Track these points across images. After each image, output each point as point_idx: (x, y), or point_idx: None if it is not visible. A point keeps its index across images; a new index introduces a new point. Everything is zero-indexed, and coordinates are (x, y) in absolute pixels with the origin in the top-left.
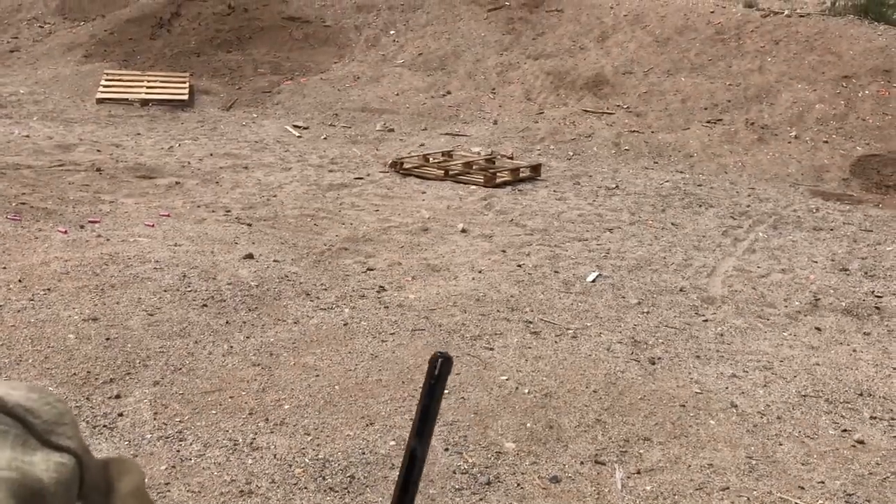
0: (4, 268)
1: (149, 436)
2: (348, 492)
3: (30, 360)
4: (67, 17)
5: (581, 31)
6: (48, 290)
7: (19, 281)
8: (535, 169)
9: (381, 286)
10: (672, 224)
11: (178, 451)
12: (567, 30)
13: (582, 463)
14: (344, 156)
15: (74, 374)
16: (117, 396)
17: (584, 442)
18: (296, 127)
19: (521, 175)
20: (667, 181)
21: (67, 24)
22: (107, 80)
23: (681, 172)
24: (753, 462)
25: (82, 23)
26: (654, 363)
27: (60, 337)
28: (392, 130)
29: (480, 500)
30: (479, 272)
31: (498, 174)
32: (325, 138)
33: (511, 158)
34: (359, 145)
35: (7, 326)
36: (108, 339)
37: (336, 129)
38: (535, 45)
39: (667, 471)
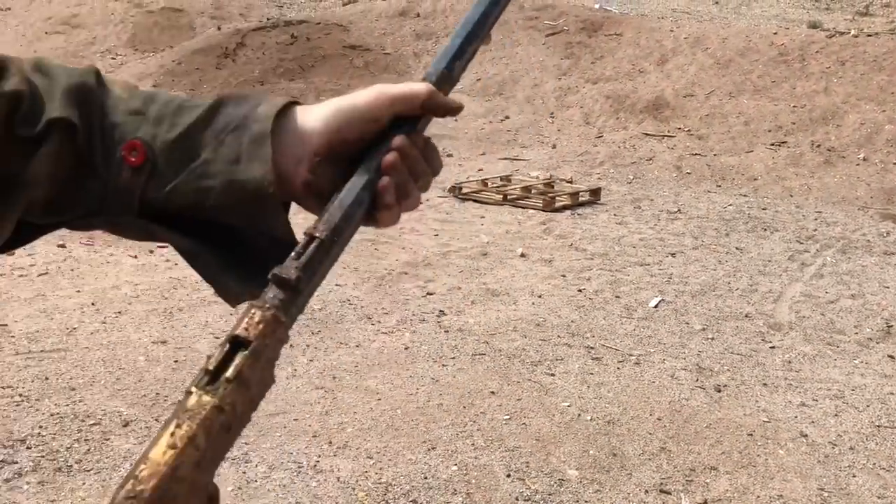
0: (78, 291)
1: None
2: None
3: (102, 382)
4: (138, 48)
5: (640, 55)
6: (119, 313)
7: (92, 304)
8: (595, 193)
9: (440, 310)
10: (736, 248)
11: (244, 472)
12: (626, 53)
13: (647, 492)
14: None
15: (144, 395)
16: None
17: (649, 470)
18: None
19: (581, 199)
20: (730, 205)
21: (138, 56)
22: None
23: (744, 196)
24: (826, 494)
25: (151, 54)
26: (719, 391)
27: (131, 359)
28: (450, 155)
29: None
30: (539, 297)
31: (557, 198)
32: None
33: (570, 182)
34: None
35: (81, 348)
36: (176, 361)
37: None
38: (594, 69)
39: (734, 501)
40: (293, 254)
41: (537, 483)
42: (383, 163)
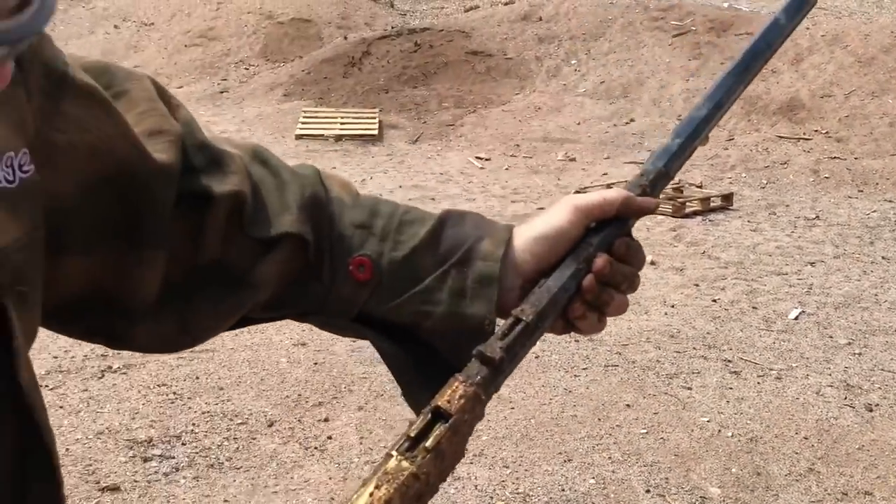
0: None
1: (356, 459)
2: None
3: (248, 382)
4: (269, 59)
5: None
6: None
7: None
8: (727, 198)
9: None
10: (883, 258)
11: None
12: None
13: None
14: (526, 186)
15: (287, 396)
16: (326, 420)
17: (797, 492)
18: (478, 158)
19: (712, 205)
20: (874, 211)
21: (269, 66)
22: (304, 117)
23: (890, 202)
24: None
25: (282, 64)
26: (871, 410)
27: (273, 360)
28: (574, 160)
29: None
30: (672, 307)
31: (687, 204)
32: (506, 169)
33: (700, 187)
34: (540, 175)
35: (227, 349)
36: (315, 363)
37: (517, 159)
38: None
39: None
40: (498, 333)
41: (678, 500)
42: (584, 283)
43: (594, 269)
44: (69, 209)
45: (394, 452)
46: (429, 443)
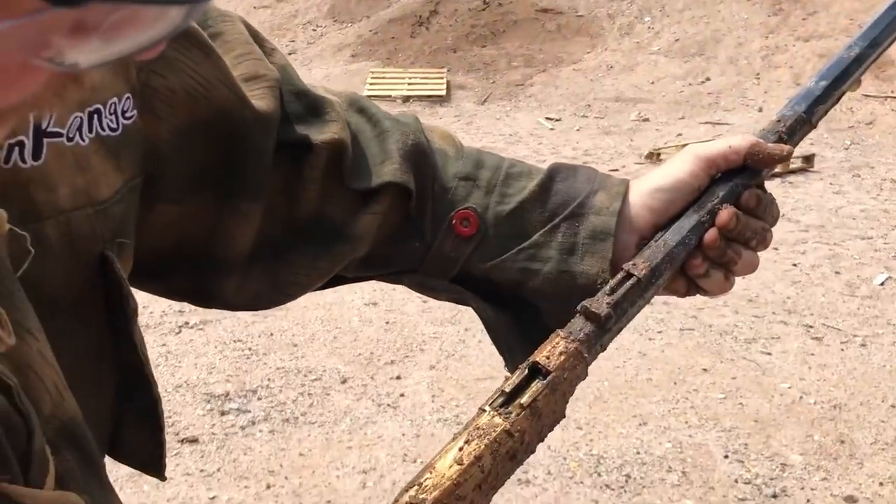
0: None
1: (429, 417)
2: (625, 490)
3: (321, 339)
4: (337, 19)
5: (861, 8)
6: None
7: None
8: (808, 160)
9: None
10: None
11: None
12: (844, 7)
13: (881, 484)
14: (598, 147)
15: (360, 353)
16: (398, 377)
17: (883, 461)
18: (548, 119)
19: (792, 167)
20: None
21: (336, 26)
22: (372, 78)
23: None
24: None
25: (350, 24)
26: None
27: (346, 319)
28: (647, 120)
29: None
30: None
31: None
32: (577, 130)
33: None
34: (612, 136)
35: (300, 307)
36: (387, 322)
37: (589, 120)
38: (806, 26)
39: None
40: (607, 288)
41: (757, 466)
42: (706, 238)
43: (718, 222)
44: (165, 156)
45: (487, 407)
46: (524, 399)
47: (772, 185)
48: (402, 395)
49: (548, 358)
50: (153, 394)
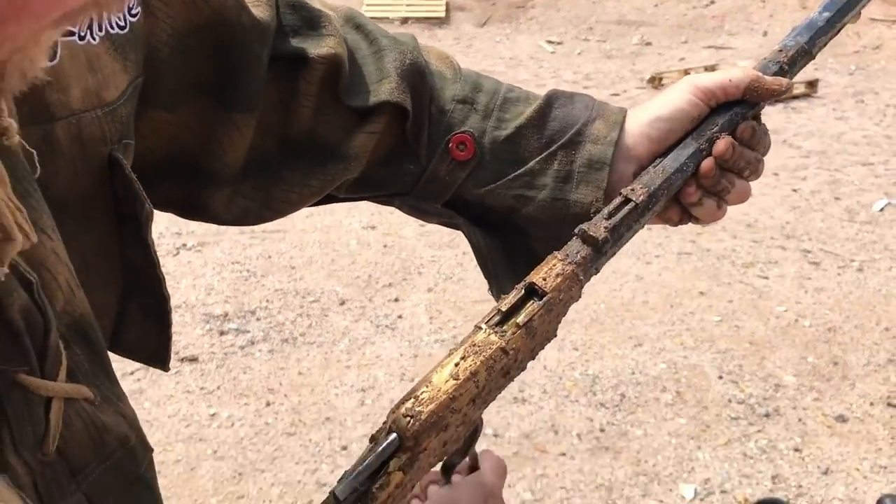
0: None
1: (426, 338)
2: (619, 409)
3: (319, 262)
4: None
5: None
6: None
7: None
8: (811, 85)
9: None
10: None
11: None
12: None
13: (872, 404)
14: (599, 71)
15: (358, 276)
16: (396, 300)
17: (875, 382)
18: (549, 42)
19: (795, 92)
20: None
21: None
22: None
23: None
24: None
25: None
26: None
27: (344, 242)
28: (650, 44)
29: (759, 431)
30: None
31: None
32: (579, 53)
33: None
34: (614, 60)
35: (298, 230)
36: (385, 246)
37: (590, 43)
38: None
39: None
40: (605, 212)
41: (751, 387)
42: (703, 166)
43: (715, 151)
44: (161, 59)
45: (483, 325)
46: (520, 318)
47: (774, 111)
48: (399, 316)
49: (544, 279)
50: (163, 291)
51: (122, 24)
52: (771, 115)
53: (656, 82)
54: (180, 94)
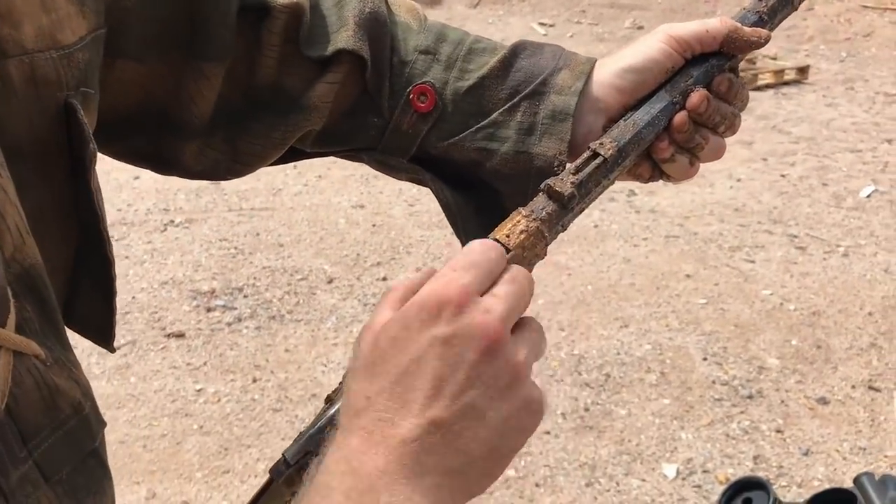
0: None
1: None
2: (604, 389)
3: (307, 240)
4: None
5: None
6: (319, 176)
7: (294, 167)
8: (802, 71)
9: (631, 190)
10: None
11: None
12: None
13: (853, 387)
14: (591, 54)
15: (346, 255)
16: (384, 279)
17: (857, 366)
18: (541, 24)
19: (786, 78)
20: None
21: None
22: None
23: None
24: None
25: None
26: None
27: (332, 221)
28: (642, 28)
29: (741, 412)
30: (738, 180)
31: (759, 76)
32: (571, 36)
33: (774, 59)
34: (606, 43)
35: (287, 208)
36: (374, 225)
37: (583, 26)
38: None
39: None
40: (571, 167)
41: (735, 368)
42: (675, 120)
43: (689, 105)
44: (128, 8)
45: None
46: None
47: (765, 97)
48: None
49: (508, 236)
50: (107, 253)
51: None
52: (761, 101)
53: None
54: (150, 45)
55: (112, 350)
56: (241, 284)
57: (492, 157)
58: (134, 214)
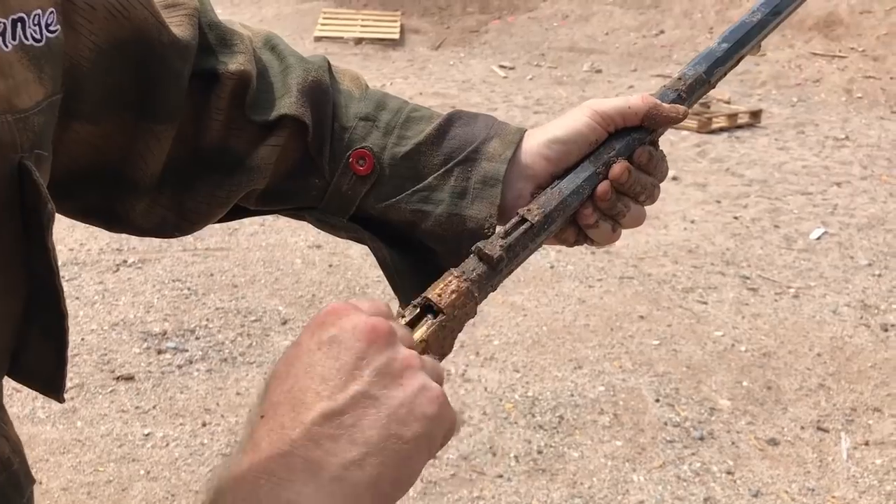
0: None
1: None
2: (557, 431)
3: (262, 281)
4: None
5: None
6: (276, 216)
7: None
8: (755, 115)
9: None
10: None
11: None
12: None
13: (803, 428)
14: (549, 97)
15: (301, 295)
16: None
17: (806, 406)
18: (502, 67)
19: (739, 121)
20: None
21: None
22: (324, 18)
23: None
24: None
25: None
26: (886, 330)
27: (288, 261)
28: (600, 71)
29: (693, 454)
30: (692, 222)
31: (713, 120)
32: (530, 79)
33: (728, 103)
34: (565, 86)
35: (242, 248)
36: (330, 265)
37: (542, 69)
38: None
39: None
40: (501, 231)
41: (687, 410)
42: (598, 189)
43: (611, 175)
44: (84, 73)
45: None
46: (416, 335)
47: (719, 140)
48: None
49: (440, 296)
50: (60, 307)
51: (37, 37)
52: (715, 144)
53: None
54: (103, 107)
55: (61, 400)
56: (194, 326)
57: (426, 219)
58: (86, 254)
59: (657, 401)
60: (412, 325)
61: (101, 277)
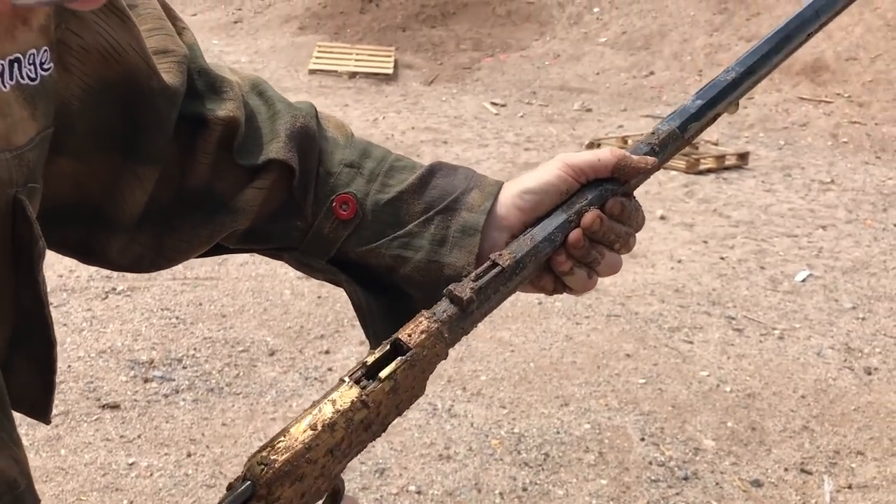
0: None
1: None
2: (542, 469)
3: (251, 311)
4: None
5: None
6: None
7: None
8: (742, 157)
9: None
10: (895, 225)
11: None
12: (786, 10)
13: (786, 469)
14: (540, 134)
15: (289, 327)
16: (327, 352)
17: (790, 448)
18: (493, 104)
19: (727, 163)
20: (890, 178)
21: None
22: (318, 51)
23: None
24: None
25: None
26: (870, 373)
27: (277, 292)
28: (590, 110)
29: (677, 494)
30: (679, 262)
31: (701, 161)
32: (521, 116)
33: (716, 145)
34: (555, 124)
35: (231, 278)
36: (319, 297)
37: (533, 107)
38: (749, 27)
39: (882, 489)
40: (472, 275)
41: (671, 449)
42: (571, 237)
43: (583, 223)
44: (74, 111)
45: (346, 378)
46: (383, 373)
47: (706, 181)
48: (329, 369)
49: (409, 335)
50: (49, 336)
51: (32, 76)
52: (703, 185)
53: (595, 148)
54: (91, 145)
55: (47, 422)
56: (181, 355)
57: (406, 264)
58: (75, 281)
59: (642, 439)
60: (381, 363)
61: (89, 304)
